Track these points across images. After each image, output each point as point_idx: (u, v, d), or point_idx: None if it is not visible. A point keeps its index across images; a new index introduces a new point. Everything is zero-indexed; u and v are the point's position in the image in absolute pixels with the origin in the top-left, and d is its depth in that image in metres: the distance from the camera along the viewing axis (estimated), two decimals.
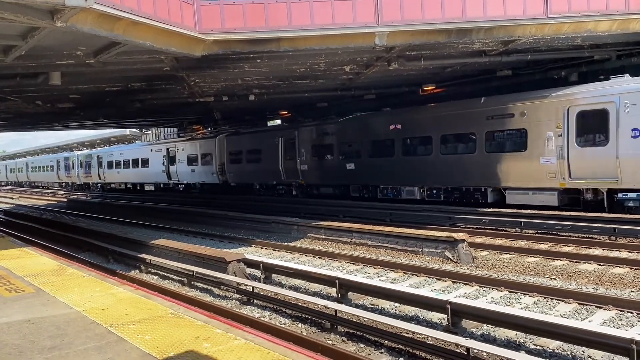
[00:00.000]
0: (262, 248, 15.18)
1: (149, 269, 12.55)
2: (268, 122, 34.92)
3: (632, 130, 14.07)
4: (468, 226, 16.06)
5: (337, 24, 12.93)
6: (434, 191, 19.69)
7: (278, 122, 34.54)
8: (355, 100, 24.40)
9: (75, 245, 16.63)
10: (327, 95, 23.39)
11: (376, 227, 14.52)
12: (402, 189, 21.00)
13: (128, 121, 35.32)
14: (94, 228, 19.72)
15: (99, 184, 48.80)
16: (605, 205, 14.86)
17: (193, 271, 10.92)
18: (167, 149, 36.07)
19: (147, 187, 41.42)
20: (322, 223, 16.30)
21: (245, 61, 15.24)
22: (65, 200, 40.24)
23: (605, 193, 14.83)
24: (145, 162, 38.63)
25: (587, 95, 15.13)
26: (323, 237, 15.74)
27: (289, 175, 26.53)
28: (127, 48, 11.66)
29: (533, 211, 15.45)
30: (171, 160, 35.68)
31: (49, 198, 47.19)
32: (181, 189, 37.10)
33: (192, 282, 10.93)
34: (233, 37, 12.54)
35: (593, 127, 15.03)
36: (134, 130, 51.33)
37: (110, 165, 44.78)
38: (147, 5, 10.76)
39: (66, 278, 8.21)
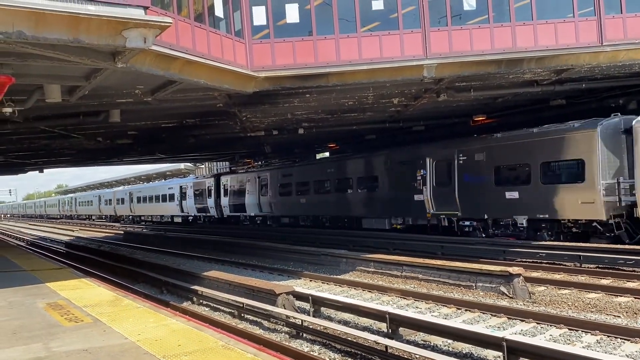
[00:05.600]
0: (310, 280, 15.13)
1: (201, 301, 12.73)
2: (317, 155, 35.67)
3: None
4: (523, 260, 15.48)
5: (385, 58, 13.06)
6: None
7: (326, 154, 35.20)
8: (404, 132, 24.41)
9: (130, 277, 17.08)
10: (375, 127, 23.47)
11: (427, 261, 14.23)
12: None
13: (183, 156, 36.74)
14: (149, 260, 20.23)
15: (75, 215, 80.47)
16: None
17: (243, 303, 10.99)
18: (99, 196, 66.84)
19: (93, 217, 72.35)
20: (371, 256, 16.12)
21: (294, 96, 15.56)
22: (122, 232, 41.69)
23: None
24: (90, 202, 70.03)
25: None
26: (372, 270, 15.55)
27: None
28: (182, 86, 12.15)
29: (593, 245, 14.78)
30: (99, 201, 65.31)
31: (106, 230, 48.98)
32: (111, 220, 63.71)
33: (242, 314, 10.98)
34: (283, 74, 12.87)
35: None
36: (188, 164, 53.02)
37: (80, 204, 77.32)
38: (202, 45, 11.23)
39: (122, 309, 8.43)
